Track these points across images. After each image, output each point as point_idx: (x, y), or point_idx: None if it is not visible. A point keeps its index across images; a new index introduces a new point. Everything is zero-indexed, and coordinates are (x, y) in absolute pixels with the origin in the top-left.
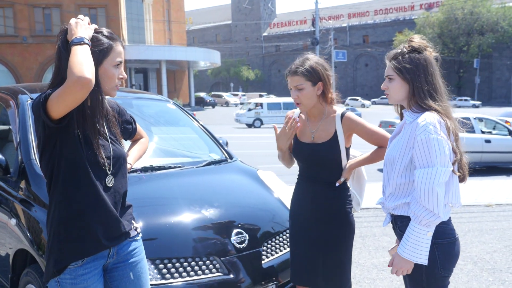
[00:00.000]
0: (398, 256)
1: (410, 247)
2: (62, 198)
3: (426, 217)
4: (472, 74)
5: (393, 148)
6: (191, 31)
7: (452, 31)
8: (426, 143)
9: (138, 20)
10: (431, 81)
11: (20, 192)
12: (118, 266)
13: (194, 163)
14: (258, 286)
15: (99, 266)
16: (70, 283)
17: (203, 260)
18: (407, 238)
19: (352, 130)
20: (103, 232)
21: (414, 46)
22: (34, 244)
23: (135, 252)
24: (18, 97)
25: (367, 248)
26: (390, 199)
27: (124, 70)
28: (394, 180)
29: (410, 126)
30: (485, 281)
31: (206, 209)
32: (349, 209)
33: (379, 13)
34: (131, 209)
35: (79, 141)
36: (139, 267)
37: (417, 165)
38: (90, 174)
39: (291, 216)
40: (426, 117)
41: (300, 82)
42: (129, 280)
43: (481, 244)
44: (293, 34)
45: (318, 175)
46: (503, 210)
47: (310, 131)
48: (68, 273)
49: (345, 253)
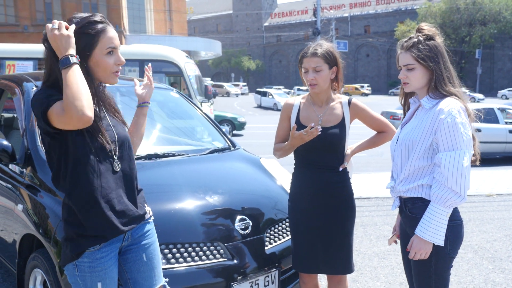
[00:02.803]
0: (418, 238)
1: (432, 229)
2: (73, 188)
3: (452, 198)
4: (473, 65)
5: (411, 132)
6: (192, 21)
7: (454, 21)
8: (453, 127)
9: (139, 9)
10: (448, 67)
11: (26, 178)
12: (132, 248)
13: (197, 151)
14: (261, 272)
15: (115, 249)
16: (88, 266)
17: (207, 246)
18: (429, 220)
19: (357, 115)
20: (117, 217)
21: (428, 34)
22: (40, 229)
23: (148, 234)
24: (23, 84)
25: (368, 237)
26: (403, 182)
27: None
28: (413, 163)
29: (431, 112)
30: (485, 269)
31: (210, 195)
32: (352, 192)
33: (380, 3)
34: (142, 192)
35: (83, 133)
36: (151, 248)
37: (441, 148)
38: (97, 161)
39: (292, 205)
40: (450, 102)
41: (319, 63)
42: (142, 262)
43: (482, 233)
44: (294, 24)
45: (323, 160)
46: (504, 200)
47: (317, 116)
48: (86, 257)
49: (351, 235)
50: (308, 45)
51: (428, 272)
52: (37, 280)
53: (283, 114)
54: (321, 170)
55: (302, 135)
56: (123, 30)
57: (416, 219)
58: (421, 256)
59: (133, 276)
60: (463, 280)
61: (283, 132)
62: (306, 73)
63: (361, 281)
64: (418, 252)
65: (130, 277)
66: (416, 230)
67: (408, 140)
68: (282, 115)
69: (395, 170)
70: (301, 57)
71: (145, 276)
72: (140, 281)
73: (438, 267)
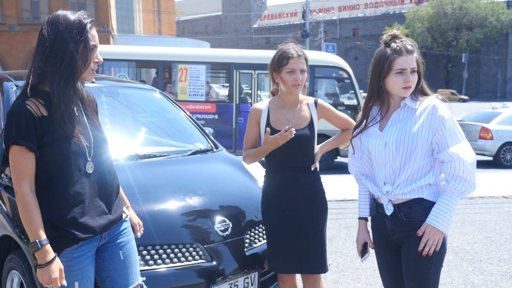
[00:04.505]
0: (433, 228)
1: (447, 219)
2: (46, 191)
3: (469, 189)
4: (460, 69)
5: (408, 133)
6: (181, 21)
7: (441, 26)
8: (450, 122)
9: (128, 9)
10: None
11: (4, 179)
12: (108, 247)
13: (179, 152)
14: (241, 273)
15: (93, 248)
16: (66, 265)
17: (187, 247)
18: (445, 211)
19: (323, 115)
20: (92, 221)
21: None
22: (17, 231)
23: (124, 232)
24: (3, 84)
25: (351, 239)
26: (404, 184)
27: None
28: (416, 162)
29: (421, 110)
30: (465, 271)
31: (190, 197)
32: (324, 191)
33: (369, 7)
34: (121, 194)
35: (59, 138)
36: (127, 247)
37: (445, 144)
38: (71, 164)
39: (266, 207)
40: (436, 100)
41: (305, 65)
42: (119, 260)
43: (463, 235)
44: (284, 26)
45: (296, 161)
46: (486, 202)
47: (287, 118)
48: (64, 256)
49: (324, 234)
50: (284, 48)
51: (427, 274)
52: (14, 281)
53: (252, 119)
54: (294, 172)
55: (277, 139)
56: (111, 30)
57: (414, 223)
58: (433, 245)
59: (110, 275)
60: (443, 281)
61: (253, 137)
62: (290, 74)
63: (342, 282)
64: (435, 241)
65: (107, 276)
66: (428, 220)
67: (408, 141)
68: (251, 120)
69: (389, 175)
70: (286, 58)
71: (121, 274)
72: (117, 279)
73: (437, 267)
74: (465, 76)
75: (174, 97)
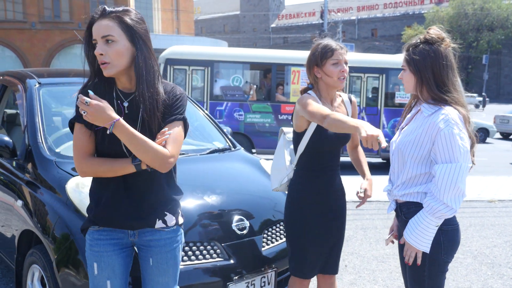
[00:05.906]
0: (406, 241)
1: (417, 235)
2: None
3: (443, 211)
4: (480, 70)
5: (406, 137)
6: (199, 21)
7: (461, 27)
8: (450, 138)
9: (147, 8)
10: (438, 73)
11: (26, 175)
12: (141, 248)
13: (197, 151)
14: (257, 272)
15: (116, 238)
16: (88, 244)
17: (204, 245)
18: (415, 225)
19: (353, 114)
20: (112, 212)
21: (426, 38)
22: (39, 225)
23: (159, 241)
24: (26, 81)
25: (368, 240)
26: (400, 187)
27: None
28: (410, 170)
29: (429, 119)
30: (484, 275)
31: (208, 195)
32: None
33: (388, 7)
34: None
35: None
36: (161, 256)
37: (438, 160)
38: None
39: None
40: (449, 112)
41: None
42: (148, 265)
43: (482, 238)
44: (301, 26)
45: (335, 161)
46: (506, 206)
47: None
48: (88, 234)
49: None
50: (324, 41)
51: (422, 277)
52: (34, 276)
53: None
54: (332, 172)
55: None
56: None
57: None
58: (411, 259)
59: (143, 275)
60: (461, 285)
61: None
62: (335, 65)
63: (359, 284)
64: (407, 255)
65: (142, 274)
66: (403, 232)
67: (402, 144)
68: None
69: (392, 174)
70: (331, 50)
71: (151, 278)
72: (147, 281)
73: (432, 272)
74: (485, 77)
75: (286, 98)
